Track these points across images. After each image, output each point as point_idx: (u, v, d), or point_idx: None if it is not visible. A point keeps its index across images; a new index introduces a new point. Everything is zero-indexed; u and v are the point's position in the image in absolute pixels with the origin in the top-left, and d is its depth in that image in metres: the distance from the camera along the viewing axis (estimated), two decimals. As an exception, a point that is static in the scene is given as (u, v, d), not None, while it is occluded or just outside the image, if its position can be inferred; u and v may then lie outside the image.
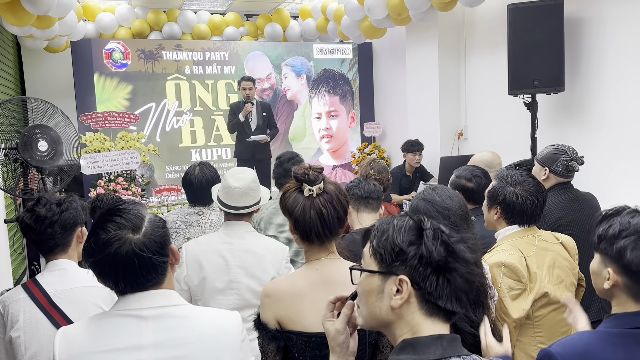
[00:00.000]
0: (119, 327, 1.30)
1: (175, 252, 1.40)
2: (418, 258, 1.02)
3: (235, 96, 7.00)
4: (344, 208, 1.60)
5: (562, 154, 2.73)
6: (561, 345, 1.37)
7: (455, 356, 1.01)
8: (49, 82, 6.90)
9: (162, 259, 1.33)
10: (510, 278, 1.97)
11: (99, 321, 1.33)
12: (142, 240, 1.30)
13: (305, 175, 1.57)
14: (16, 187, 3.28)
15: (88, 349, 1.29)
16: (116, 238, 1.28)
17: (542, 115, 4.71)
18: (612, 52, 4.25)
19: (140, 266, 1.29)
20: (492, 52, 5.56)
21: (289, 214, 1.60)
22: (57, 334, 1.34)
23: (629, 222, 1.36)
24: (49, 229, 1.87)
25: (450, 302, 1.02)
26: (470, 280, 1.04)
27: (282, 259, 2.27)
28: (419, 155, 5.77)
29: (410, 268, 1.02)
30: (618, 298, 1.39)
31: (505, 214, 2.10)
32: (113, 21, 6.94)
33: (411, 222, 1.07)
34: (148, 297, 1.33)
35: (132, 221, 1.31)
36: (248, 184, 2.29)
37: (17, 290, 1.89)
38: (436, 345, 1.01)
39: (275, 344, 1.55)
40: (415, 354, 1.00)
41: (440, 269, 1.02)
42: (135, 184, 6.10)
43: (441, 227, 1.07)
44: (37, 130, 3.18)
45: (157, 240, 1.32)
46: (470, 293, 1.04)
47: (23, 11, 4.17)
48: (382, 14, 5.76)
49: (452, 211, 1.75)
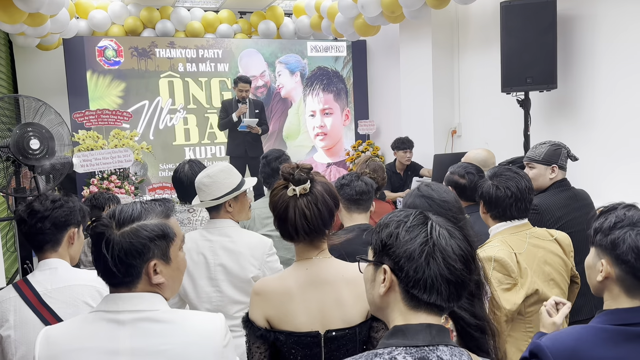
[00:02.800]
0: (97, 330, 1.29)
1: (173, 258, 1.37)
2: (398, 249, 1.09)
3: (229, 94, 6.99)
4: (329, 209, 1.58)
5: (560, 147, 2.76)
6: (551, 339, 1.37)
7: (443, 344, 1.06)
8: (42, 79, 6.86)
9: (136, 260, 1.30)
10: (499, 272, 1.98)
11: (79, 322, 1.32)
12: (128, 232, 1.28)
13: (290, 174, 1.56)
14: (8, 185, 3.27)
15: (66, 347, 1.28)
16: (102, 224, 1.29)
17: (535, 112, 4.73)
18: (604, 49, 4.26)
19: (111, 261, 1.27)
20: (485, 49, 5.57)
21: (273, 210, 1.60)
22: (39, 333, 1.33)
23: (625, 214, 1.37)
24: (39, 223, 1.87)
25: (428, 293, 1.07)
26: (452, 272, 1.07)
27: (262, 255, 2.24)
28: (409, 153, 5.76)
29: (393, 258, 1.09)
30: (611, 292, 1.39)
31: (486, 207, 2.12)
32: (106, 18, 6.91)
33: (401, 215, 1.14)
34: (127, 299, 1.30)
35: (123, 215, 1.31)
36: (200, 180, 2.28)
37: (8, 289, 1.88)
38: (425, 332, 1.06)
39: (263, 343, 1.55)
40: (405, 339, 1.06)
41: (415, 260, 1.07)
42: (129, 182, 6.08)
43: (430, 220, 1.12)
44: (29, 128, 3.16)
45: (133, 241, 1.29)
46: (453, 285, 1.07)
47: (14, 8, 4.15)
48: (375, 12, 5.76)
49: (451, 204, 1.76)
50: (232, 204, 2.30)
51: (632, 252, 1.32)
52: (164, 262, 1.33)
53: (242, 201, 2.35)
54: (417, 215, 1.13)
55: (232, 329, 2.18)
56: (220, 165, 2.35)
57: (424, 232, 1.09)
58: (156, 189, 6.64)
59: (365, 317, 1.57)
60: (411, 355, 1.03)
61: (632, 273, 1.33)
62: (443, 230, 1.10)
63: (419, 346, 1.04)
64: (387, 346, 1.06)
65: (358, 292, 1.48)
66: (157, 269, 1.32)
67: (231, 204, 2.30)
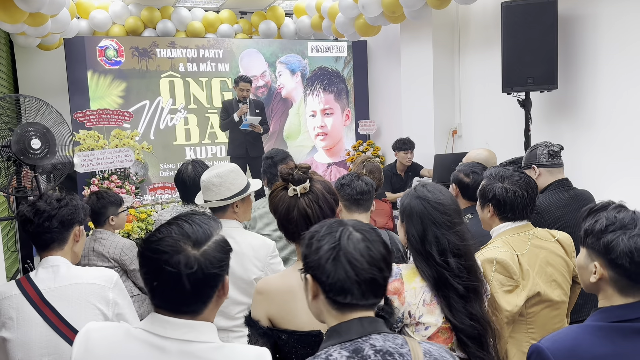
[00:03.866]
0: (138, 353, 1.18)
1: (226, 286, 1.26)
2: (312, 258, 1.18)
3: (230, 94, 6.99)
4: (331, 207, 1.59)
5: (537, 147, 2.79)
6: (550, 340, 1.38)
7: (376, 333, 1.14)
8: (42, 79, 6.86)
9: (210, 287, 1.20)
10: (501, 274, 1.97)
11: (123, 335, 1.21)
12: (197, 258, 1.17)
13: (289, 175, 1.57)
14: (9, 185, 3.26)
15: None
16: (169, 243, 1.16)
17: (535, 112, 4.73)
18: (605, 49, 4.26)
19: (181, 286, 1.15)
20: (486, 49, 5.57)
21: (274, 212, 1.60)
22: (81, 330, 1.25)
23: (615, 217, 1.37)
24: (47, 222, 1.88)
25: (342, 295, 1.14)
26: (359, 273, 1.13)
27: (265, 256, 2.23)
28: (410, 154, 5.73)
29: (311, 267, 1.18)
30: (604, 292, 1.40)
31: (497, 210, 2.11)
32: (106, 18, 6.91)
33: (318, 226, 1.23)
34: (177, 325, 1.18)
35: (197, 234, 1.19)
36: (209, 179, 2.27)
37: (10, 285, 1.89)
38: (357, 326, 1.14)
39: (265, 342, 1.55)
40: (340, 337, 1.13)
41: (324, 266, 1.15)
42: (129, 182, 6.08)
43: (342, 228, 1.19)
44: (30, 128, 3.16)
45: (213, 262, 1.19)
46: (364, 285, 1.14)
47: (15, 8, 4.15)
48: (376, 12, 5.76)
49: (447, 206, 1.76)
50: (239, 205, 2.31)
51: (626, 257, 1.33)
52: (225, 282, 1.27)
53: (247, 202, 2.36)
54: (331, 224, 1.21)
55: (233, 329, 2.19)
56: (228, 165, 2.35)
57: (333, 238, 1.16)
58: (157, 189, 6.64)
59: (366, 316, 1.57)
60: (346, 349, 1.10)
61: (627, 276, 1.35)
62: (356, 234, 1.17)
63: (352, 339, 1.12)
64: (324, 348, 1.13)
65: None
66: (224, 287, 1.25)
67: (238, 205, 2.30)
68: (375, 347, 1.10)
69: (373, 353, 1.09)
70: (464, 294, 1.68)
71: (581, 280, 1.48)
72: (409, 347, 1.13)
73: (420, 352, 1.13)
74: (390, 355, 1.09)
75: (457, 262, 1.70)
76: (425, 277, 1.71)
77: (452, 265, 1.69)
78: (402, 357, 1.10)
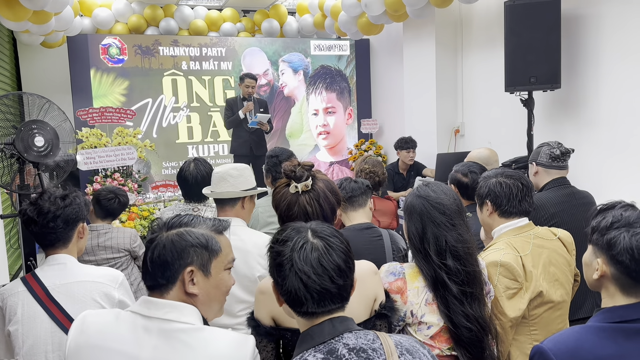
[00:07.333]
0: (126, 333, 1.26)
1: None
2: (271, 268, 1.23)
3: (232, 92, 7.00)
4: (332, 205, 1.60)
5: (543, 146, 2.79)
6: (552, 341, 1.38)
7: (348, 332, 1.16)
8: (45, 77, 6.87)
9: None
10: (506, 277, 1.96)
11: (114, 318, 1.30)
12: (173, 234, 1.29)
13: (292, 172, 1.57)
14: (12, 182, 3.27)
15: (93, 341, 1.27)
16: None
17: (538, 112, 4.72)
18: (609, 49, 4.26)
19: (158, 260, 1.27)
20: (489, 49, 5.57)
21: (276, 208, 1.61)
22: (79, 316, 1.33)
23: (622, 215, 1.38)
24: (52, 222, 1.87)
25: (298, 305, 1.17)
26: (307, 284, 1.15)
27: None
28: (412, 153, 5.72)
29: (273, 275, 1.22)
30: (607, 290, 1.41)
31: (494, 205, 2.12)
32: (110, 16, 6.92)
33: (278, 233, 1.26)
34: (159, 305, 1.27)
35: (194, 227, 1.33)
36: (227, 170, 2.28)
37: (16, 283, 1.89)
38: (328, 327, 1.16)
39: (269, 341, 1.55)
40: (313, 341, 1.15)
41: (279, 278, 1.19)
42: (132, 180, 6.10)
43: (295, 239, 1.20)
44: (33, 125, 3.17)
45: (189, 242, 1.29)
46: (316, 294, 1.15)
47: (19, 6, 4.15)
48: (379, 10, 5.76)
49: (447, 206, 1.76)
50: (247, 202, 2.31)
51: (627, 253, 1.33)
52: (202, 274, 1.30)
53: (252, 203, 2.38)
54: (290, 232, 1.22)
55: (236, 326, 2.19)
56: (240, 164, 2.38)
57: (287, 249, 1.19)
58: (159, 187, 6.65)
59: (369, 315, 1.57)
60: (320, 352, 1.12)
61: (627, 273, 1.35)
62: (313, 242, 1.18)
63: (325, 341, 1.14)
64: (298, 353, 1.15)
65: (361, 290, 1.49)
66: (194, 278, 1.29)
67: (246, 202, 2.31)
68: (348, 346, 1.12)
69: (347, 352, 1.11)
70: (460, 294, 1.68)
71: (585, 276, 1.48)
72: (381, 341, 1.15)
73: (392, 344, 1.15)
74: (363, 352, 1.12)
75: (455, 263, 1.70)
76: (424, 276, 1.72)
77: (450, 266, 1.69)
78: (375, 352, 1.13)
